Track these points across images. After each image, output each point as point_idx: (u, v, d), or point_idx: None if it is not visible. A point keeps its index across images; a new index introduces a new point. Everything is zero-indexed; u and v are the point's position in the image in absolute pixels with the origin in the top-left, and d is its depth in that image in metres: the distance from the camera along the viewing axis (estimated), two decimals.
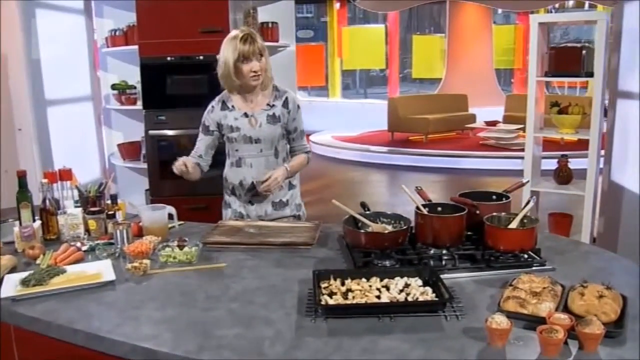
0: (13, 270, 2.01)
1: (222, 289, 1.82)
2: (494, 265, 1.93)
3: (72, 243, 2.23)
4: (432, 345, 1.43)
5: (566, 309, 1.57)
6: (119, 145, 4.13)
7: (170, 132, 3.77)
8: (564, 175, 3.58)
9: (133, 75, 4.05)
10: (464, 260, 1.98)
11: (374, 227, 2.13)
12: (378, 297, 1.66)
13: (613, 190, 3.76)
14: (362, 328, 1.52)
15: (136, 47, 3.77)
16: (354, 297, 1.66)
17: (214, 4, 3.66)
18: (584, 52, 3.32)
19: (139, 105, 3.94)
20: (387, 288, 1.72)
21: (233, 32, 2.47)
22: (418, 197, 2.23)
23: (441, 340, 1.45)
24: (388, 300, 1.63)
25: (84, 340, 1.56)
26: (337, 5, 13.49)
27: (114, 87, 4.06)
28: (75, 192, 2.60)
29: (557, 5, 11.01)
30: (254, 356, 1.40)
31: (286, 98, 2.55)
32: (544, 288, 1.64)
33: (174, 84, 3.76)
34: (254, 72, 2.43)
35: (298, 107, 2.60)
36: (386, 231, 2.08)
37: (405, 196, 2.24)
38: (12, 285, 1.84)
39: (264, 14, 4.16)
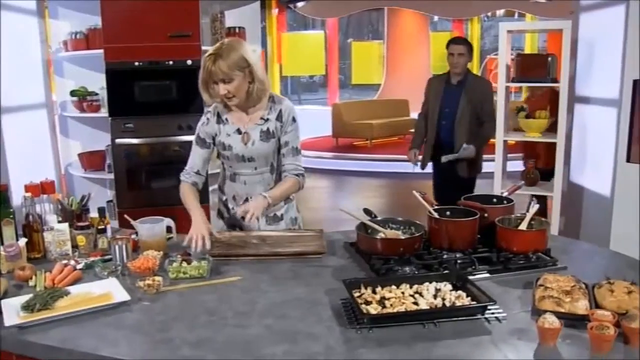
0: (4, 294, 1.83)
1: (248, 304, 1.74)
2: (511, 267, 1.97)
3: (65, 261, 2.07)
4: (487, 348, 1.44)
5: (596, 306, 1.63)
6: (79, 154, 3.88)
7: (139, 141, 3.60)
8: (531, 177, 3.74)
9: (92, 81, 3.84)
10: (481, 262, 2.00)
11: (388, 233, 2.13)
12: (415, 303, 1.65)
13: (573, 191, 3.96)
14: (409, 336, 1.51)
15: (98, 51, 3.57)
16: (391, 305, 1.64)
17: (184, 8, 3.54)
18: (549, 59, 3.48)
19: (103, 112, 3.73)
20: (420, 294, 1.72)
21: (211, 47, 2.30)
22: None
23: (493, 343, 1.46)
24: (427, 307, 1.62)
25: None
26: (275, 11, 13.44)
27: (73, 93, 3.81)
28: (51, 206, 2.41)
29: (489, 14, 11.55)
30: None
31: (280, 110, 2.37)
32: (573, 286, 1.69)
33: (142, 90, 3.59)
34: (222, 95, 2.24)
35: (293, 119, 2.39)
36: (403, 237, 2.08)
37: (358, 201, 2.24)
38: (13, 312, 1.67)
39: (230, 19, 4.06)
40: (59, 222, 2.31)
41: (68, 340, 1.53)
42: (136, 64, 3.52)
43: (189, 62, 3.59)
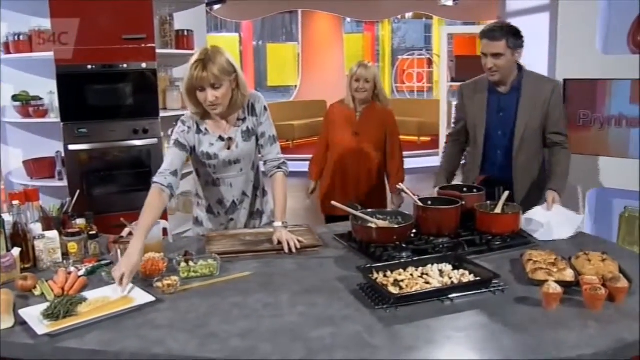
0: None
1: (272, 296, 1.82)
2: (494, 247, 2.20)
3: (64, 268, 2.02)
4: (503, 315, 1.64)
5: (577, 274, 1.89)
6: (25, 162, 3.68)
7: (93, 146, 3.50)
8: None
9: (35, 85, 3.66)
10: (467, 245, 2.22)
11: (379, 223, 2.29)
12: (427, 283, 1.83)
13: None
14: (432, 311, 1.68)
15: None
16: (407, 286, 1.80)
17: (137, 10, 3.48)
18: None
19: (52, 118, 3.57)
20: (427, 275, 1.89)
21: (195, 54, 2.24)
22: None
23: (508, 310, 1.67)
24: (440, 285, 1.80)
25: None
26: None
27: (15, 98, 3.61)
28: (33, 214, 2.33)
29: (399, 17, 12.13)
30: (367, 348, 1.47)
31: (252, 104, 2.38)
32: (555, 259, 1.95)
33: (96, 94, 3.48)
34: (210, 102, 2.21)
35: (265, 108, 2.42)
36: (396, 226, 2.25)
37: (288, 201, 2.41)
38: (36, 321, 1.65)
39: (177, 22, 4.03)
40: (43, 230, 2.25)
41: (110, 343, 1.54)
42: (89, 67, 3.42)
43: (144, 64, 3.54)
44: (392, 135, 3.39)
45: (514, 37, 2.53)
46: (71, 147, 3.47)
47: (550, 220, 2.35)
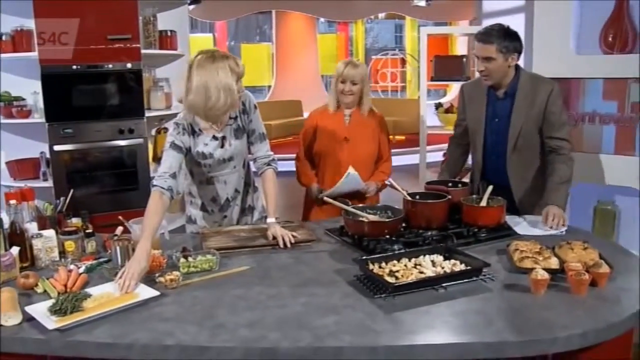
0: None
1: (273, 288, 1.88)
2: (481, 239, 2.31)
3: (64, 266, 2.05)
4: (495, 301, 1.74)
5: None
6: (7, 162, 3.64)
7: (79, 146, 3.49)
8: None
9: (17, 86, 3.63)
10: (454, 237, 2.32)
11: (370, 217, 2.37)
12: (421, 272, 1.91)
13: None
14: (428, 298, 1.76)
15: (28, 54, 3.40)
16: (402, 276, 1.88)
17: (121, 10, 3.49)
18: (464, 59, 3.95)
19: (37, 118, 3.55)
20: (420, 265, 1.98)
21: (204, 55, 2.22)
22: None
23: (498, 296, 1.77)
24: (434, 274, 1.89)
25: (179, 354, 1.53)
26: None
27: None
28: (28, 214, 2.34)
29: (372, 17, 12.27)
30: (371, 333, 1.55)
31: (242, 102, 2.40)
32: (540, 248, 2.06)
33: (81, 94, 3.48)
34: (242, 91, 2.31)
35: (255, 106, 2.46)
36: (387, 220, 2.33)
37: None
38: (44, 317, 1.67)
39: (160, 23, 4.04)
40: (39, 229, 2.26)
41: (121, 336, 1.58)
42: (74, 67, 3.41)
43: (129, 65, 3.55)
44: (385, 143, 3.05)
45: (508, 40, 2.49)
46: (56, 147, 3.46)
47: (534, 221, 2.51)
